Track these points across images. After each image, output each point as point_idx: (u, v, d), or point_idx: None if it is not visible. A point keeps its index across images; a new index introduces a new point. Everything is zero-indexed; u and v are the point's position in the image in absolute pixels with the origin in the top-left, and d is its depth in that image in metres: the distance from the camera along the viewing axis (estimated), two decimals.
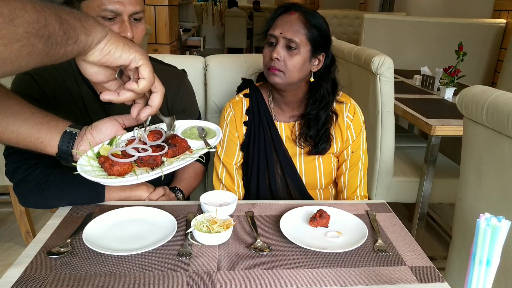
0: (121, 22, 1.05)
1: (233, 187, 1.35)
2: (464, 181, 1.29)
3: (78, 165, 0.85)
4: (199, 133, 1.00)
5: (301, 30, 1.15)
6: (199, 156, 0.90)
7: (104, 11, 1.02)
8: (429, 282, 0.83)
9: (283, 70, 1.16)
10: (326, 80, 1.24)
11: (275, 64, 1.16)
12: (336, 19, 5.61)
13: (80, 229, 0.93)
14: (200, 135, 0.99)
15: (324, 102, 1.23)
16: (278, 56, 1.15)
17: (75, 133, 0.92)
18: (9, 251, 2.18)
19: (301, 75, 1.19)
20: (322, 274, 0.83)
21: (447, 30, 3.47)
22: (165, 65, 1.31)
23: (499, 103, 1.07)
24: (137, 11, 1.06)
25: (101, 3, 1.02)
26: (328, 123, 1.26)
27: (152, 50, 3.96)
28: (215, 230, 0.92)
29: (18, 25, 0.54)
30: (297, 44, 1.15)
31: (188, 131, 1.01)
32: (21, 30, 0.54)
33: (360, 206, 1.13)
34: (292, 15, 1.17)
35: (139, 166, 0.85)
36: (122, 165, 0.82)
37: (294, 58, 1.16)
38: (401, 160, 2.18)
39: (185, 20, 6.41)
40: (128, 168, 0.83)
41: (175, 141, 0.91)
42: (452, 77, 2.28)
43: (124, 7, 1.03)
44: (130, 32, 1.05)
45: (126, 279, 0.79)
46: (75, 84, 1.17)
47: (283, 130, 1.31)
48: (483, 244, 0.60)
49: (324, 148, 1.26)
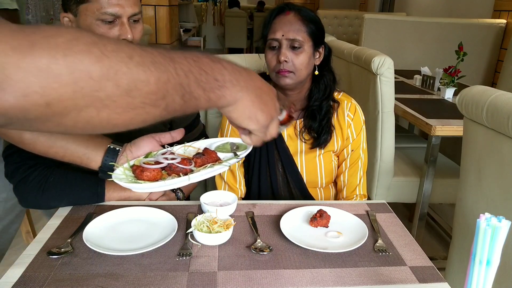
0: (120, 24, 1.05)
1: (235, 185, 1.35)
2: (464, 181, 1.29)
3: (114, 175, 0.90)
4: (231, 147, 1.04)
5: (301, 28, 1.17)
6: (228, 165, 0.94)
7: (104, 14, 1.02)
8: (429, 282, 0.83)
9: (293, 70, 1.18)
10: (327, 70, 1.28)
11: (284, 66, 1.17)
12: (336, 19, 5.60)
13: (81, 229, 0.93)
14: (232, 149, 1.04)
15: (327, 91, 1.26)
16: (286, 58, 1.17)
17: (118, 149, 1.00)
18: (9, 251, 2.18)
19: (309, 71, 1.22)
20: (322, 274, 0.83)
21: (447, 30, 3.47)
22: None
23: (499, 103, 1.07)
24: (136, 13, 1.07)
25: (100, 7, 1.02)
26: (329, 112, 1.27)
27: None
28: (216, 230, 0.92)
29: (135, 97, 0.49)
30: (300, 43, 1.16)
31: (221, 146, 1.06)
32: (138, 101, 0.50)
33: (360, 206, 1.13)
34: (288, 15, 1.18)
35: (169, 174, 0.89)
36: (151, 171, 0.87)
37: (300, 57, 1.17)
38: (401, 160, 2.18)
39: (186, 20, 6.42)
40: (157, 175, 0.87)
41: (205, 151, 0.96)
42: (452, 77, 2.28)
43: (123, 9, 1.04)
44: (131, 34, 1.05)
45: (126, 279, 0.79)
46: None
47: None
48: (483, 244, 0.60)
49: (325, 139, 1.27)
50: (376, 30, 3.57)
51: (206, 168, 0.91)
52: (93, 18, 1.03)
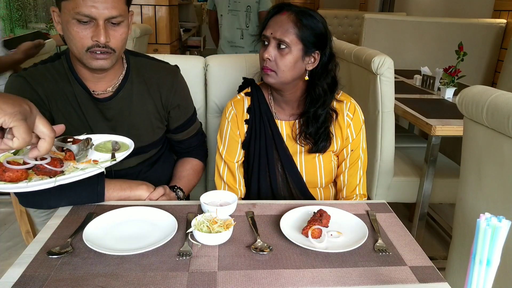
0: (95, 26, 1.04)
1: (235, 185, 1.35)
2: (464, 181, 1.29)
3: None
4: (113, 146, 1.04)
5: (290, 30, 1.15)
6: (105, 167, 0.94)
7: (78, 14, 1.02)
8: (429, 282, 0.83)
9: (275, 69, 1.18)
10: (324, 78, 1.23)
11: (267, 64, 1.18)
12: (336, 19, 5.60)
13: (81, 229, 0.93)
14: (114, 148, 1.03)
15: (321, 100, 1.23)
16: (269, 56, 1.17)
17: None
18: (9, 251, 2.18)
19: (295, 74, 1.19)
20: (322, 274, 0.83)
21: (447, 30, 3.47)
22: (158, 62, 1.32)
23: (499, 103, 1.07)
24: (114, 16, 1.05)
25: (75, 6, 1.01)
26: (327, 121, 1.26)
27: (152, 50, 3.96)
28: (216, 230, 0.92)
29: None
30: (287, 44, 1.15)
31: (101, 145, 1.05)
32: None
33: (361, 206, 1.13)
34: (283, 15, 1.17)
35: (37, 174, 0.85)
36: (14, 172, 0.83)
37: (285, 58, 1.16)
38: (401, 160, 2.18)
39: (186, 20, 6.41)
40: (21, 176, 0.83)
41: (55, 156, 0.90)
42: (452, 77, 2.28)
43: (98, 11, 1.02)
44: (104, 37, 1.04)
45: (126, 279, 0.79)
46: (67, 84, 1.17)
47: (283, 128, 1.31)
48: (483, 244, 0.60)
49: (324, 146, 1.26)
50: (376, 30, 3.57)
51: (77, 170, 0.89)
52: (70, 17, 1.03)
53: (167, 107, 1.29)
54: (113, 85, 1.20)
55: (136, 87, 1.24)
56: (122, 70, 1.22)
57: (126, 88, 1.22)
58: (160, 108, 1.28)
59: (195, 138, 1.42)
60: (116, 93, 1.20)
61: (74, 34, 1.05)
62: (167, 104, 1.29)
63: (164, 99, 1.28)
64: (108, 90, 1.20)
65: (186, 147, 1.42)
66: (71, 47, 1.09)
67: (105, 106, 1.20)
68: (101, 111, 1.20)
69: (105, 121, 1.21)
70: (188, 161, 1.41)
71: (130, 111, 1.23)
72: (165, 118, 1.31)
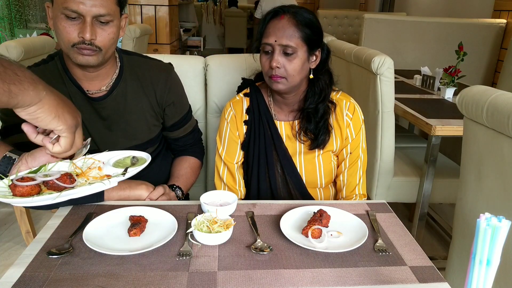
0: (83, 23, 1.05)
1: (235, 186, 1.35)
2: (464, 181, 1.29)
3: None
4: (131, 162, 1.07)
5: (294, 34, 1.14)
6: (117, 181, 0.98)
7: (66, 9, 1.03)
8: (429, 282, 0.83)
9: (285, 76, 1.17)
10: (324, 72, 1.25)
11: (276, 72, 1.16)
12: (336, 19, 5.60)
13: (80, 229, 0.93)
14: (132, 163, 1.06)
15: (323, 94, 1.24)
16: (278, 65, 1.15)
17: (14, 158, 0.99)
18: (9, 251, 2.18)
19: (302, 75, 1.20)
20: (322, 274, 0.83)
21: (447, 30, 3.47)
22: (151, 60, 1.32)
23: (499, 103, 1.07)
24: (102, 14, 1.05)
25: (64, 1, 1.02)
26: (326, 114, 1.26)
27: (152, 50, 3.97)
28: (215, 230, 0.92)
29: None
30: (293, 49, 1.14)
31: (120, 160, 1.08)
32: None
33: (361, 206, 1.13)
34: (282, 20, 1.15)
35: (48, 189, 0.92)
36: (24, 187, 0.89)
37: (293, 62, 1.16)
38: (401, 160, 2.18)
39: (185, 20, 6.41)
40: (32, 190, 0.89)
41: None
42: (452, 77, 2.28)
43: (86, 8, 1.03)
44: (89, 34, 1.05)
45: (126, 279, 0.79)
46: (62, 84, 1.17)
47: (283, 129, 1.31)
48: (483, 244, 0.60)
49: (323, 140, 1.26)
50: (376, 30, 3.57)
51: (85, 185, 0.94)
52: (59, 11, 1.04)
53: (162, 104, 1.30)
54: (107, 84, 1.21)
55: (130, 85, 1.24)
56: (116, 69, 1.23)
57: (120, 87, 1.22)
58: (155, 106, 1.28)
59: (191, 135, 1.43)
60: (110, 92, 1.21)
61: (61, 29, 1.06)
62: (162, 101, 1.29)
63: (159, 96, 1.28)
64: (102, 89, 1.20)
65: (183, 145, 1.42)
66: (59, 42, 1.10)
67: (100, 105, 1.20)
68: (96, 111, 1.21)
69: (101, 120, 1.22)
70: (186, 160, 1.41)
71: (125, 110, 1.23)
72: (161, 115, 1.32)
